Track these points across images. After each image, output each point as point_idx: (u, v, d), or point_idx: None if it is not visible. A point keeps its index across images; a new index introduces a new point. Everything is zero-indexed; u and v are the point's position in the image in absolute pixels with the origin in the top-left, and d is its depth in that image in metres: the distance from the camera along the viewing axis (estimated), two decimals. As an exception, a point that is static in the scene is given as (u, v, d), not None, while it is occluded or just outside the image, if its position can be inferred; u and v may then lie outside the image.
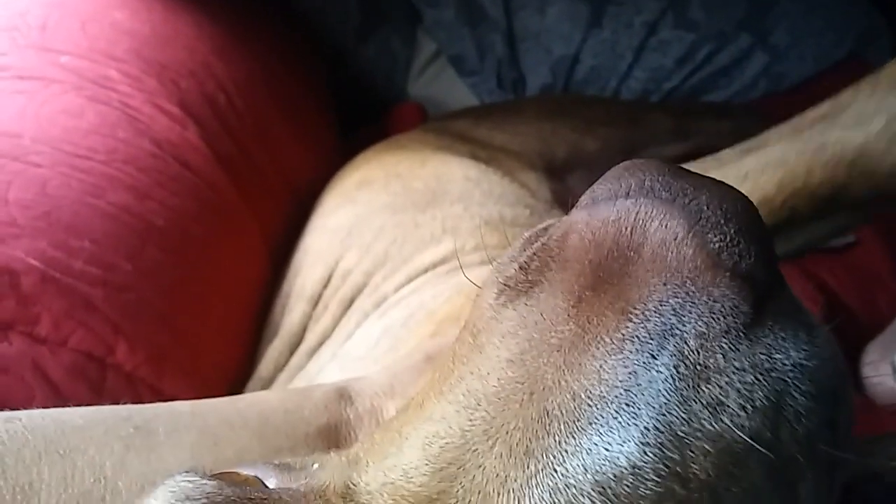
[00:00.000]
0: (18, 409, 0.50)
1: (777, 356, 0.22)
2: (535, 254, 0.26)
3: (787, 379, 0.22)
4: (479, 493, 0.22)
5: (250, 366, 0.69)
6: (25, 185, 0.59)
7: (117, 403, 0.56)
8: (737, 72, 1.16)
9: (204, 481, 0.25)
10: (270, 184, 0.81)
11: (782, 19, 1.14)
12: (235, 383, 0.67)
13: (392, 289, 0.65)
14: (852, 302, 0.87)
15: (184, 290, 0.64)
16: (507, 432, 0.23)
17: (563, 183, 0.91)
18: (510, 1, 1.17)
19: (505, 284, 0.26)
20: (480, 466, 0.23)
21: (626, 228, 0.24)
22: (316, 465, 0.28)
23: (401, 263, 0.66)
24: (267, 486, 0.27)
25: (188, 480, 0.25)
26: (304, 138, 0.93)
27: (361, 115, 1.20)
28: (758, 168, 0.44)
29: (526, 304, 0.25)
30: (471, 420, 0.24)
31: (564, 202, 0.85)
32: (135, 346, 0.58)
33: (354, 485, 0.25)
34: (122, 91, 0.69)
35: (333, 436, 0.40)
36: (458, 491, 0.23)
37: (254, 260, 0.75)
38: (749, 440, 0.21)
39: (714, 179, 0.25)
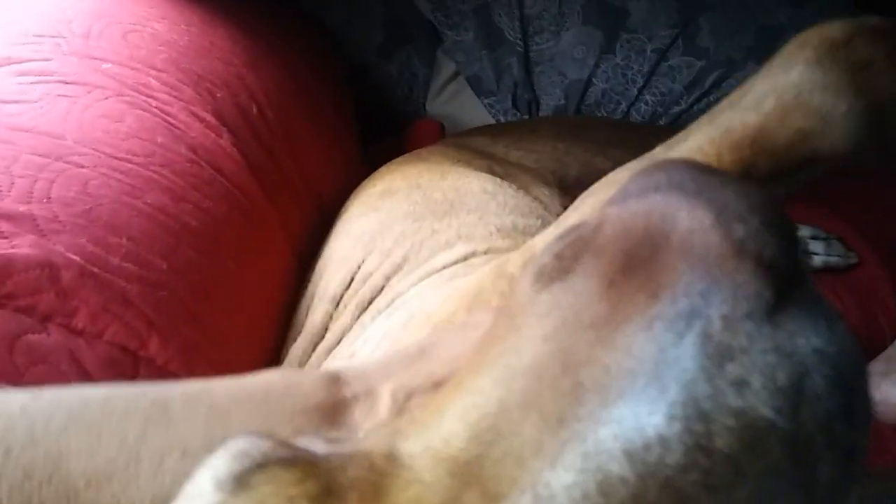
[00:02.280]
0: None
1: (798, 340, 0.23)
2: (569, 244, 0.28)
3: (807, 362, 0.23)
4: (514, 456, 0.23)
5: (276, 363, 0.71)
6: (67, 183, 0.61)
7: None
8: (744, 99, 1.19)
9: (261, 440, 0.26)
10: (297, 190, 0.84)
11: (789, 49, 1.17)
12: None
13: (405, 290, 0.67)
14: (854, 322, 0.89)
15: (214, 289, 0.66)
16: (541, 402, 0.24)
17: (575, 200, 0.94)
18: (527, 26, 1.20)
19: (540, 272, 0.28)
20: (516, 433, 0.24)
21: (656, 219, 0.25)
22: (361, 435, 0.30)
23: (415, 267, 0.68)
24: (316, 452, 0.29)
25: (248, 440, 0.26)
26: (329, 148, 0.96)
27: (381, 129, 1.23)
28: (681, 155, 0.46)
29: (560, 288, 0.26)
30: (507, 391, 0.25)
31: (576, 218, 0.87)
32: (167, 341, 0.60)
33: (398, 450, 0.26)
34: (161, 98, 0.72)
35: (330, 412, 0.42)
36: (494, 455, 0.24)
37: (280, 261, 0.77)
38: (771, 416, 0.22)
39: (738, 179, 0.27)
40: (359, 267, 0.73)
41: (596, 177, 0.96)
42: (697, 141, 0.46)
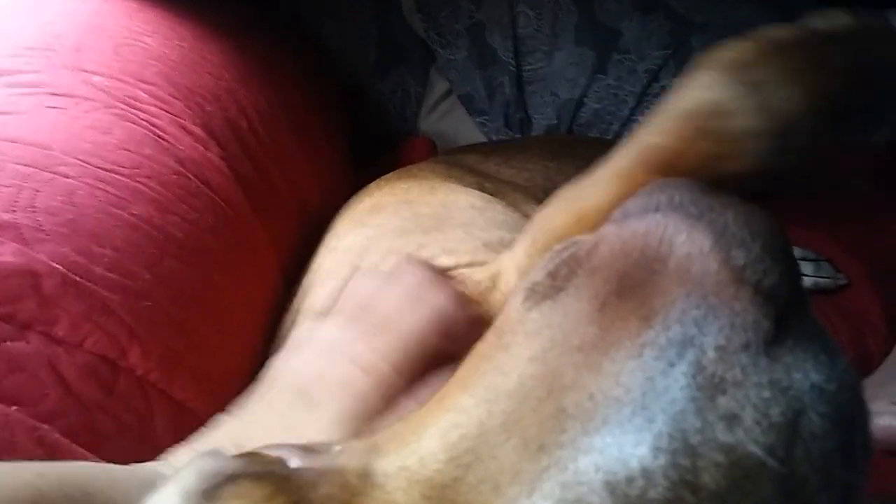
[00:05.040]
0: (32, 407, 0.53)
1: (796, 375, 0.22)
2: (563, 262, 0.27)
3: (804, 399, 0.22)
4: (491, 482, 0.23)
5: (258, 375, 0.71)
6: (53, 193, 0.61)
7: (128, 405, 0.58)
8: (736, 120, 1.19)
9: (228, 460, 0.26)
10: (285, 205, 0.84)
11: (781, 71, 1.18)
12: (242, 391, 0.69)
13: None
14: (843, 343, 0.88)
15: (198, 301, 0.66)
16: (523, 426, 0.23)
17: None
18: (520, 45, 1.21)
19: (532, 290, 0.27)
20: (494, 457, 0.23)
21: (654, 240, 0.25)
22: (338, 448, 0.29)
23: None
24: (289, 466, 0.28)
25: (218, 456, 0.26)
26: (318, 165, 0.96)
27: (374, 147, 1.24)
28: (609, 175, 0.45)
29: (551, 307, 0.26)
30: (489, 412, 0.24)
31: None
32: (148, 351, 0.60)
33: (372, 468, 0.26)
34: (150, 111, 0.73)
35: None
36: (470, 479, 0.23)
37: (267, 276, 0.77)
38: (761, 455, 0.21)
39: (742, 200, 0.26)
40: (346, 282, 0.73)
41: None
42: (622, 161, 0.45)
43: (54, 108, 0.67)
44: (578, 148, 1.04)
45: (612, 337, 0.23)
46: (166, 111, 0.74)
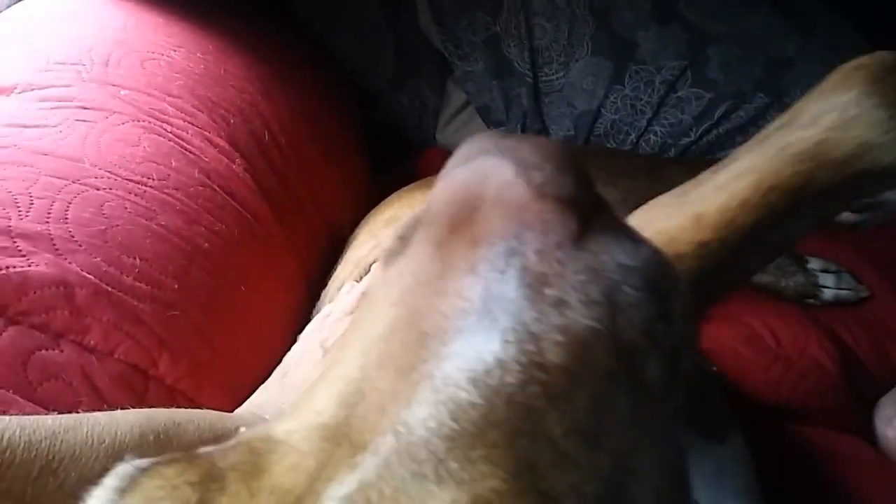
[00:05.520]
0: (65, 414, 0.53)
1: (604, 258, 0.27)
2: (408, 225, 0.31)
3: (615, 276, 0.26)
4: (376, 409, 0.26)
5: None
6: (84, 204, 0.62)
7: (158, 413, 0.59)
8: (752, 129, 1.20)
9: (144, 460, 0.28)
10: (308, 215, 0.85)
11: (798, 81, 1.18)
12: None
13: None
14: (865, 355, 0.88)
15: (225, 310, 0.67)
16: (395, 358, 0.26)
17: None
18: (536, 57, 1.22)
19: (388, 253, 0.31)
20: (377, 389, 0.26)
21: (472, 183, 0.29)
22: (244, 429, 0.32)
23: None
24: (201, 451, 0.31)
25: (136, 461, 0.28)
26: (340, 176, 0.97)
27: (392, 158, 1.25)
28: (732, 178, 0.48)
29: (402, 260, 0.30)
30: (366, 356, 0.27)
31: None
32: (177, 360, 0.61)
33: (274, 431, 0.29)
34: (176, 124, 0.74)
35: None
36: (359, 413, 0.26)
37: (291, 285, 0.78)
38: (591, 326, 0.25)
39: (534, 136, 0.30)
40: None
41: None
42: (749, 161, 0.47)
43: (84, 121, 0.69)
44: (598, 159, 1.05)
45: (450, 265, 0.27)
46: (192, 124, 0.76)
